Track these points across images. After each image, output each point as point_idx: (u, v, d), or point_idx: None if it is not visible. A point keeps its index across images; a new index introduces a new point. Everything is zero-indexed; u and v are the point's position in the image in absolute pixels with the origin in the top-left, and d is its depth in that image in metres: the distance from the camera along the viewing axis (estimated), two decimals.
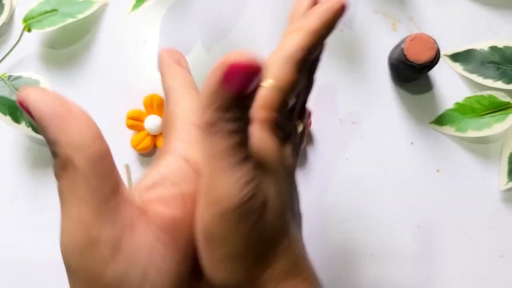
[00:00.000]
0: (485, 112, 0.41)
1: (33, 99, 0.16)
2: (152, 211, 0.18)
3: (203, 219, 0.18)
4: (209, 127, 0.17)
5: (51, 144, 0.16)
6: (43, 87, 0.41)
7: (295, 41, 0.23)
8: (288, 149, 0.24)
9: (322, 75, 0.43)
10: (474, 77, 0.41)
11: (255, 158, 0.19)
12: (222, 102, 0.17)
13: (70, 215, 0.16)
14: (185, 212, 0.19)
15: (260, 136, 0.21)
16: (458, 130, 0.41)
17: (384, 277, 0.40)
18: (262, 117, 0.22)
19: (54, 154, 0.17)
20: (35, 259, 0.41)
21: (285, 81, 0.22)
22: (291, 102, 0.24)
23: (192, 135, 0.21)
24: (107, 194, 0.16)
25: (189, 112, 0.22)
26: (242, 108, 0.17)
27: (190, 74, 0.25)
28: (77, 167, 0.16)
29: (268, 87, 0.22)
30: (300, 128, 0.28)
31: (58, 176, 0.17)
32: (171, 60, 0.25)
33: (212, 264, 0.19)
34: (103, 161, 0.17)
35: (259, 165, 0.20)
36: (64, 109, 0.17)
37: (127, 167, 0.21)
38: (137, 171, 0.42)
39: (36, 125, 0.17)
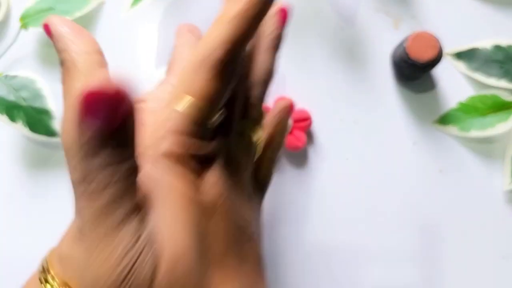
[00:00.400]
0: (488, 112, 0.40)
1: (54, 21, 0.20)
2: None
3: None
4: (81, 184, 0.14)
5: (61, 52, 0.20)
6: (40, 85, 0.40)
7: (211, 37, 0.18)
8: (212, 177, 0.19)
9: (323, 74, 0.42)
10: (478, 76, 0.41)
11: (143, 206, 0.16)
12: (89, 144, 0.13)
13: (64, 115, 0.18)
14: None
15: (156, 175, 0.17)
16: (461, 129, 0.40)
17: (385, 277, 0.40)
18: (164, 149, 0.17)
19: (62, 61, 0.20)
20: (32, 259, 0.41)
21: (200, 95, 0.17)
22: (216, 117, 0.19)
23: None
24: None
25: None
26: (118, 146, 0.14)
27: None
28: (79, 69, 0.19)
29: (172, 109, 0.17)
30: (258, 135, 0.22)
31: (62, 81, 0.20)
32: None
33: None
34: (102, 68, 0.19)
35: (148, 216, 0.16)
36: (76, 30, 0.20)
37: None
38: None
39: (53, 42, 0.20)
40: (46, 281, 0.17)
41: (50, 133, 0.40)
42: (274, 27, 0.21)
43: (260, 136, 0.23)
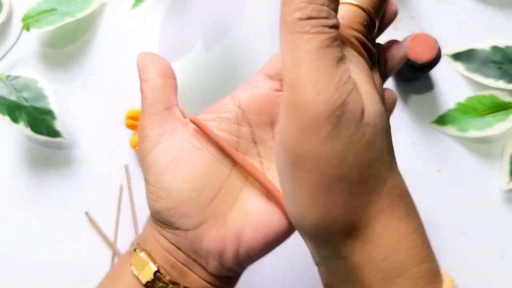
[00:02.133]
0: (486, 112, 0.40)
1: (139, 58, 0.26)
2: (190, 125, 0.24)
3: (288, 139, 0.17)
4: (298, 24, 0.16)
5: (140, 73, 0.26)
6: (44, 86, 0.41)
7: None
8: (377, 76, 0.21)
9: None
10: (476, 77, 0.41)
11: (351, 60, 0.18)
12: None
13: (139, 122, 0.25)
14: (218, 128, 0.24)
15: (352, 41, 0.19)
16: (459, 130, 0.41)
17: None
18: (351, 34, 0.20)
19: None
20: (34, 258, 0.41)
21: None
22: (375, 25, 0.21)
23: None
24: (161, 110, 0.24)
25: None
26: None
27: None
28: (143, 93, 0.25)
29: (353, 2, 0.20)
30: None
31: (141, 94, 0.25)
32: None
33: (303, 198, 0.18)
34: (160, 91, 0.24)
35: (357, 68, 0.18)
36: (148, 62, 0.26)
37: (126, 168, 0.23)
38: (136, 171, 0.41)
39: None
40: None
41: (52, 133, 0.40)
42: None
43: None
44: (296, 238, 0.24)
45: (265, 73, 0.25)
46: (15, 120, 0.40)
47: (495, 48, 0.41)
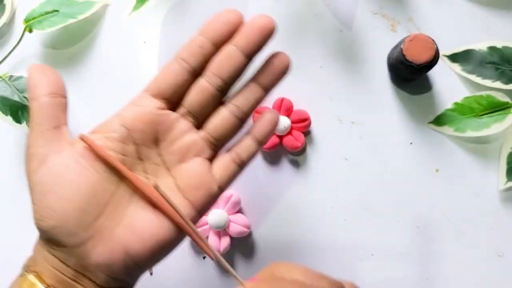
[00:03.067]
0: (484, 112, 0.41)
1: (29, 72, 0.25)
2: (78, 144, 0.25)
3: None
4: None
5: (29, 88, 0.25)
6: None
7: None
8: None
9: (321, 75, 0.43)
10: (473, 77, 0.41)
11: None
12: None
13: (26, 140, 0.25)
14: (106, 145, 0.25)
15: None
16: (457, 130, 0.41)
17: (384, 276, 0.40)
18: None
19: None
20: None
21: None
22: None
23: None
24: (49, 128, 0.25)
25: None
26: None
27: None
28: (32, 109, 0.25)
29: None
30: None
31: (29, 111, 0.25)
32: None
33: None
34: (49, 109, 0.25)
35: None
36: (38, 78, 0.25)
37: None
38: None
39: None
40: None
41: None
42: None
43: None
44: None
45: (149, 91, 0.27)
46: (17, 120, 0.40)
47: (493, 49, 0.41)
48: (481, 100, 0.41)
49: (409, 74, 0.40)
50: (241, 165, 0.27)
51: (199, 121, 0.27)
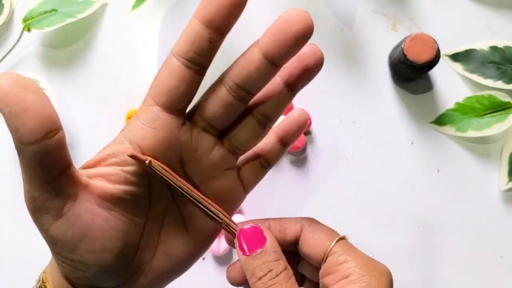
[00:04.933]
0: (485, 112, 0.41)
1: (7, 110, 0.18)
2: (93, 185, 0.21)
3: None
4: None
5: (11, 133, 0.19)
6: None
7: None
8: None
9: (322, 75, 0.43)
10: (474, 77, 0.41)
11: None
12: None
13: (24, 188, 0.20)
14: (124, 183, 0.21)
15: None
16: (458, 130, 0.41)
17: None
18: None
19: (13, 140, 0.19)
20: (34, 258, 0.41)
21: None
22: None
23: (135, 125, 0.22)
24: (54, 176, 0.19)
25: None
26: None
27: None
28: (25, 160, 0.19)
29: None
30: None
31: (18, 157, 0.20)
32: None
33: None
34: (50, 154, 0.19)
35: None
36: (23, 117, 0.18)
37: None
38: None
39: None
40: None
41: None
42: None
43: None
44: None
45: (160, 104, 0.22)
46: None
47: (494, 49, 0.41)
48: (482, 100, 0.40)
49: (410, 73, 0.40)
50: (268, 168, 0.26)
51: (221, 131, 0.24)
